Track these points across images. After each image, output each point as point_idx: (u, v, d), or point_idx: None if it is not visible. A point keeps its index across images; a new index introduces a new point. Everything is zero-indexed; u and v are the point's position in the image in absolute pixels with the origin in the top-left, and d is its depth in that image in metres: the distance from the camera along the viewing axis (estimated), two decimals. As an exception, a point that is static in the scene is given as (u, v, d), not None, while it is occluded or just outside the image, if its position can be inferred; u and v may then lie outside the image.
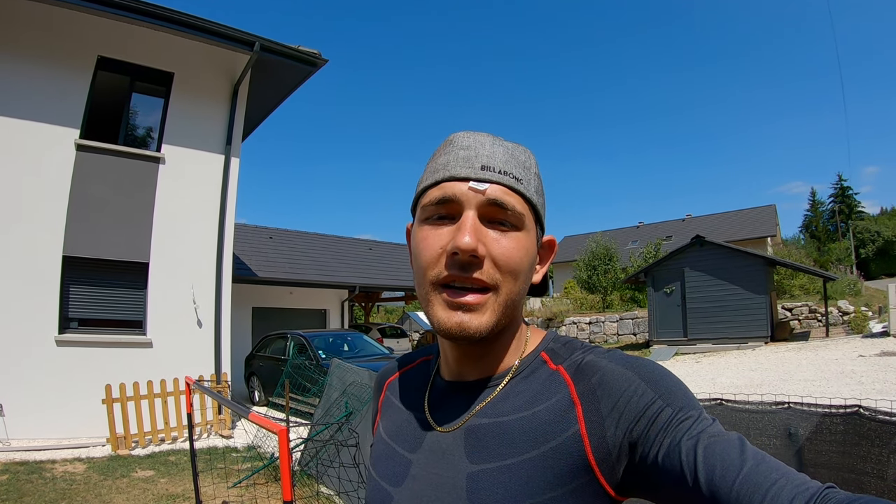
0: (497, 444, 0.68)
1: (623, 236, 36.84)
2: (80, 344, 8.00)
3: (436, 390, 0.80)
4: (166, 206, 8.94)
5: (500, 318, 0.69)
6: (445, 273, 0.67)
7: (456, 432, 0.72)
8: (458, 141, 0.71)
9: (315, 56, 9.72)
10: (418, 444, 0.76)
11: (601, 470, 0.63)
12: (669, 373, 0.66)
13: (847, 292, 21.56)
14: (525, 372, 0.73)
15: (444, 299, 0.67)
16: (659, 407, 0.62)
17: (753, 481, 0.52)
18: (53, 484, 5.83)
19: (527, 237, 0.69)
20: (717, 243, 17.31)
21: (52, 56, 8.12)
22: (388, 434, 0.82)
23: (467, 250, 0.65)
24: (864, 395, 7.27)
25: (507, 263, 0.67)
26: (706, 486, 0.55)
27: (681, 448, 0.58)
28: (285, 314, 16.26)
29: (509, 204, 0.67)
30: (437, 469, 0.72)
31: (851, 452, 2.87)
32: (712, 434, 0.58)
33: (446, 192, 0.68)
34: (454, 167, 0.69)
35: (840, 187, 58.68)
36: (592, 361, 0.68)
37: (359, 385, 5.60)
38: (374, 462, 0.81)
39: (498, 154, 0.69)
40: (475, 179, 0.67)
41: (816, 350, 13.56)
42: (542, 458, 0.65)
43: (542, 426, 0.66)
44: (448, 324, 0.67)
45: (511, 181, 0.68)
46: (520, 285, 0.69)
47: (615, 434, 0.63)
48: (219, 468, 6.50)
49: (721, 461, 0.55)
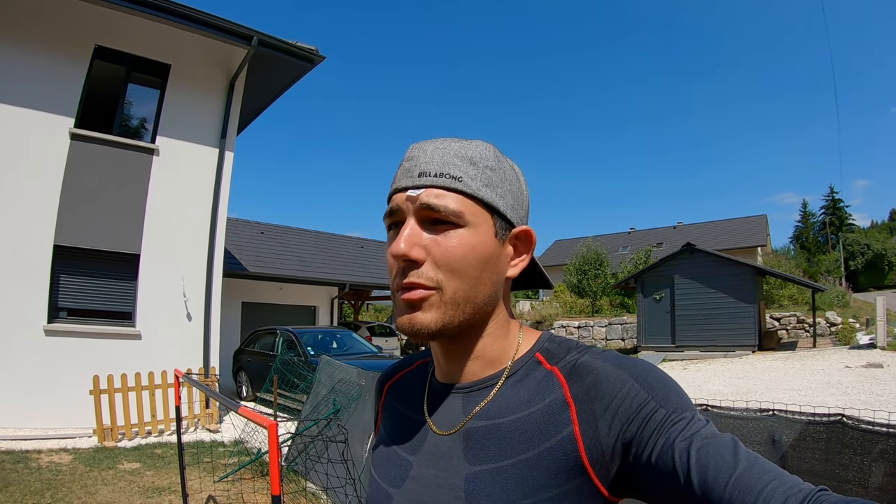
0: (494, 445, 0.69)
1: (614, 242, 36.96)
2: (68, 334, 7.94)
3: (433, 393, 0.81)
4: (159, 197, 8.89)
5: (451, 315, 0.69)
6: (399, 279, 0.70)
7: (454, 436, 0.74)
8: (407, 153, 0.74)
9: (313, 52, 9.70)
10: (419, 447, 0.77)
11: (595, 471, 0.64)
12: (664, 374, 0.66)
13: (836, 304, 21.72)
14: (520, 373, 0.73)
15: (400, 300, 0.71)
16: (652, 408, 0.62)
17: (746, 483, 0.53)
18: (39, 474, 5.79)
19: (471, 233, 0.70)
20: (707, 251, 17.42)
21: (49, 43, 8.05)
22: (390, 436, 0.83)
23: (398, 256, 0.68)
24: (848, 405, 7.33)
25: (447, 262, 0.68)
26: (699, 488, 0.55)
27: (674, 449, 0.58)
28: (275, 310, 16.19)
29: (440, 206, 0.69)
30: (437, 470, 0.73)
31: (834, 460, 2.88)
32: (706, 435, 0.59)
33: (392, 204, 0.73)
34: (399, 180, 0.73)
35: (832, 199, 59.17)
36: (587, 362, 0.69)
37: (347, 382, 5.59)
38: (376, 464, 0.83)
39: (436, 158, 0.71)
40: (413, 187, 0.70)
41: (803, 360, 13.63)
42: (537, 459, 0.65)
43: (536, 427, 0.67)
44: (401, 322, 0.70)
45: (446, 181, 0.69)
46: (468, 282, 0.69)
47: (608, 435, 0.63)
48: (205, 462, 6.47)
49: (714, 462, 0.55)
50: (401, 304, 0.70)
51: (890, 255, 45.06)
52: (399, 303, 0.71)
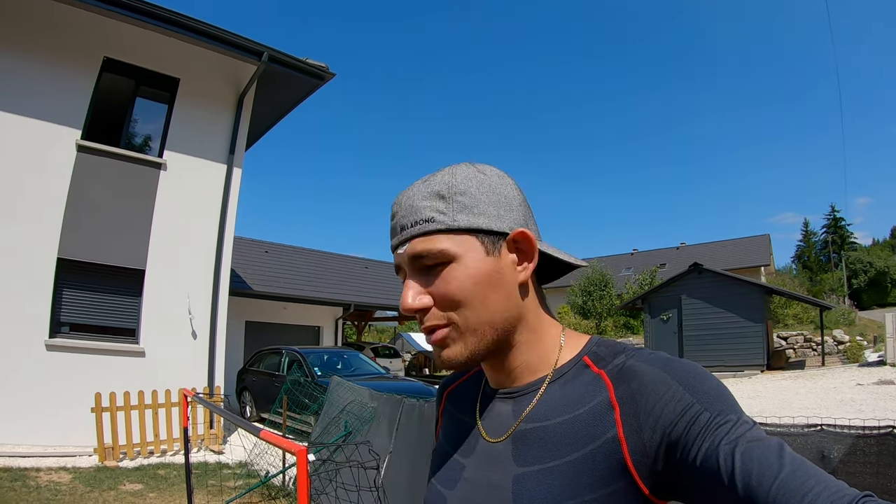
0: (541, 447, 0.71)
1: (617, 263, 36.97)
2: (70, 349, 7.76)
3: (485, 399, 0.83)
4: (166, 212, 8.78)
5: (475, 342, 0.73)
6: (421, 326, 0.76)
7: (505, 440, 0.75)
8: (392, 210, 0.79)
9: (323, 69, 9.69)
10: (472, 450, 0.80)
11: (639, 473, 0.64)
12: (710, 375, 0.66)
13: (841, 322, 21.67)
14: (567, 375, 0.75)
15: (430, 342, 0.76)
16: (697, 411, 0.62)
17: (790, 487, 0.53)
18: (37, 493, 5.60)
19: (461, 265, 0.72)
20: (715, 271, 17.35)
21: (57, 54, 8.01)
22: (447, 440, 0.86)
23: (407, 311, 0.74)
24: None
25: (448, 300, 0.72)
26: (743, 491, 0.55)
27: (719, 452, 0.58)
28: (278, 329, 16.01)
29: (424, 252, 0.72)
30: (488, 472, 0.75)
31: (885, 473, 2.85)
32: (751, 439, 0.58)
33: (395, 262, 0.78)
34: (391, 240, 0.78)
35: (833, 218, 59.32)
36: (633, 366, 0.69)
37: (359, 404, 5.43)
38: (434, 467, 0.86)
39: (406, 208, 0.75)
40: (398, 245, 0.75)
41: (814, 378, 13.55)
42: (582, 461, 0.67)
43: (582, 429, 0.68)
44: (437, 360, 0.76)
45: (421, 228, 0.73)
46: (476, 308, 0.72)
47: (652, 438, 0.64)
48: (211, 485, 6.27)
49: (758, 466, 0.55)
50: (433, 346, 0.76)
51: (893, 273, 44.97)
52: (432, 345, 0.76)
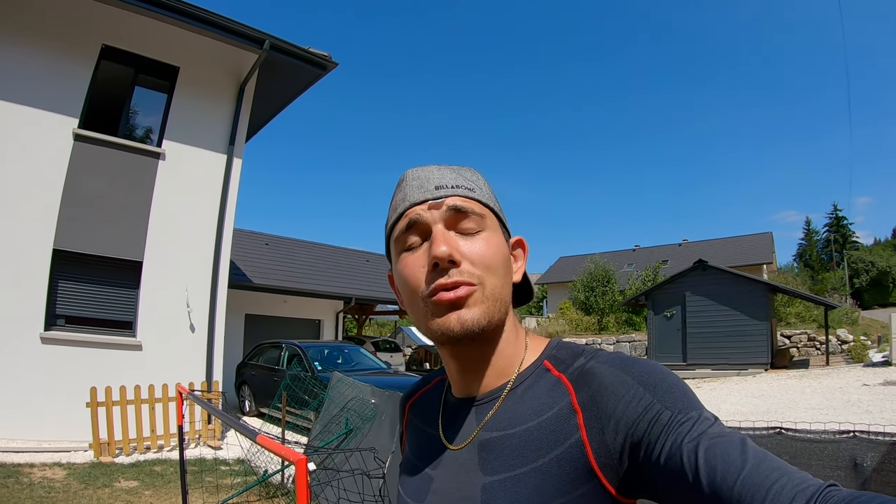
0: (507, 455, 0.70)
1: (619, 259, 36.79)
2: (66, 342, 7.60)
3: (448, 408, 0.83)
4: (164, 203, 8.61)
5: (492, 310, 0.71)
6: (433, 285, 0.70)
7: (469, 447, 0.75)
8: (409, 175, 0.78)
9: (325, 58, 9.50)
10: (438, 461, 0.79)
11: (605, 475, 0.64)
12: (669, 374, 0.66)
13: (844, 321, 21.55)
14: (529, 381, 0.74)
15: (438, 302, 0.70)
16: (658, 410, 0.62)
17: (754, 481, 0.52)
18: (30, 490, 5.46)
19: (494, 235, 0.74)
20: (719, 268, 17.19)
21: (54, 40, 7.82)
22: (413, 453, 0.86)
23: (444, 258, 0.69)
24: (874, 424, 7.04)
25: (482, 260, 0.71)
26: (708, 487, 0.54)
27: (682, 450, 0.58)
28: (278, 323, 15.84)
29: (468, 207, 0.73)
30: (456, 483, 0.74)
31: None
32: (713, 435, 0.58)
33: (411, 217, 0.74)
34: (412, 195, 0.75)
35: (835, 217, 59.05)
36: (592, 368, 0.69)
37: (360, 401, 5.27)
38: (402, 480, 0.85)
39: (447, 175, 0.76)
40: (434, 198, 0.73)
41: (818, 378, 13.44)
42: (548, 467, 0.66)
43: (546, 436, 0.68)
44: (447, 323, 0.69)
45: (463, 192, 0.74)
46: (500, 279, 0.73)
47: (615, 439, 0.63)
48: (207, 482, 6.13)
49: (722, 462, 0.55)
50: (441, 306, 0.70)
51: (894, 273, 44.80)
52: (437, 306, 0.70)
